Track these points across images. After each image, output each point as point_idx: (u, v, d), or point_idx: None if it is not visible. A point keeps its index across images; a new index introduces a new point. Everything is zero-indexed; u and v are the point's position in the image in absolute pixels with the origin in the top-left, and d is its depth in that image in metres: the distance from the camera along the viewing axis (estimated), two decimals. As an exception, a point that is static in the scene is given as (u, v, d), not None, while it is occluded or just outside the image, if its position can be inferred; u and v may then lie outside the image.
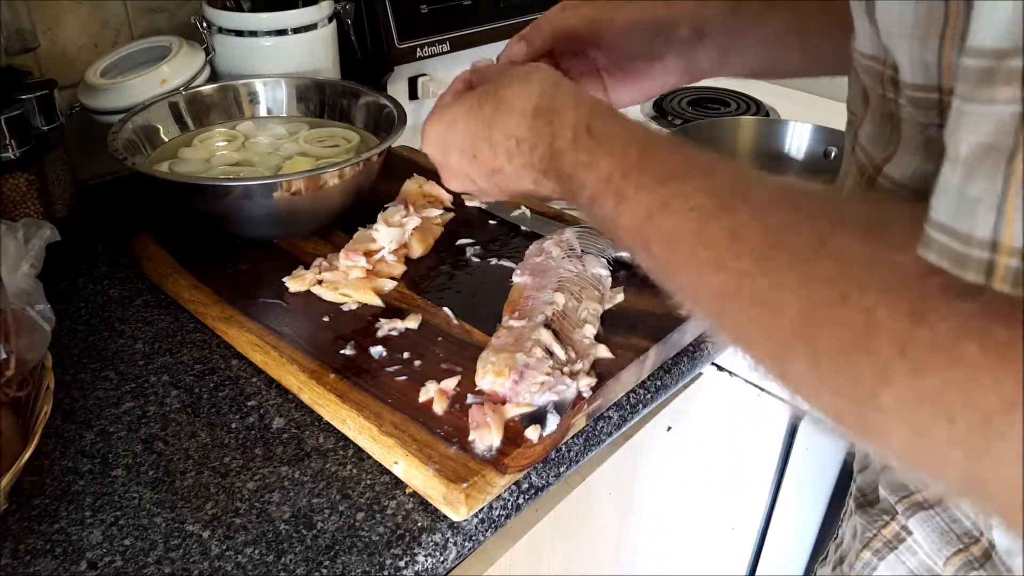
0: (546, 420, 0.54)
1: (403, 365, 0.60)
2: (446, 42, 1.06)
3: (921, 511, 0.46)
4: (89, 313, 0.70)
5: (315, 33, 0.91)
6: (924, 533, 0.45)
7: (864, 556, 0.49)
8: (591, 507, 0.66)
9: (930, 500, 0.45)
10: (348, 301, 0.67)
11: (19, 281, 0.56)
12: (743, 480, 0.91)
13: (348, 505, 0.52)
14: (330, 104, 0.89)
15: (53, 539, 0.50)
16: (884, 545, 0.48)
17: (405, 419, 0.55)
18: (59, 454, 0.56)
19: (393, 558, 0.48)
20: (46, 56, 0.86)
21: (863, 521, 0.50)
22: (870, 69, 0.38)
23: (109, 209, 0.86)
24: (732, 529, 0.97)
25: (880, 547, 0.48)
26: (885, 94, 0.38)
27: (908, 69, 0.33)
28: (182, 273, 0.71)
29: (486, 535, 0.53)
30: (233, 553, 0.49)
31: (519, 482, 0.54)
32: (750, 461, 0.90)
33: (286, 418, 0.59)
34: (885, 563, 0.48)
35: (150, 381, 0.62)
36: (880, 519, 0.48)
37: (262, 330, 0.64)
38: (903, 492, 0.47)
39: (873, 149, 0.40)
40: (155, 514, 0.51)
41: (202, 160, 0.81)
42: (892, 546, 0.47)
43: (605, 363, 0.60)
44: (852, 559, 0.50)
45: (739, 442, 0.87)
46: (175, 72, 0.85)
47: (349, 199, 0.76)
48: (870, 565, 0.48)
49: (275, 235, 0.77)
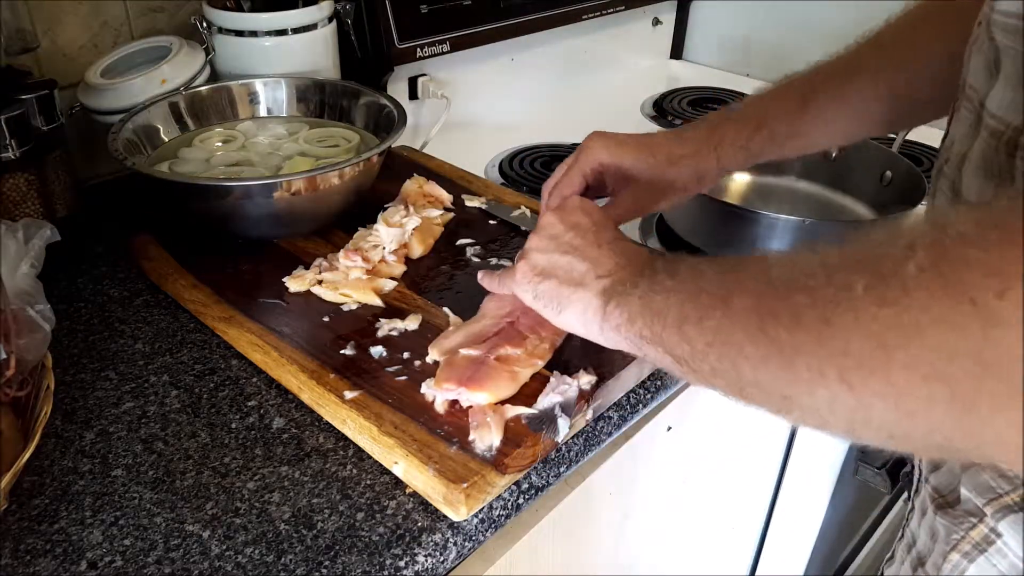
0: (556, 423, 0.55)
1: (403, 365, 0.60)
2: (446, 42, 1.06)
3: (1011, 514, 0.45)
4: (89, 313, 0.70)
5: (315, 33, 0.91)
6: (1015, 536, 0.45)
7: (953, 558, 0.48)
8: (591, 507, 0.65)
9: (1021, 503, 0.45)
10: (348, 301, 0.67)
11: (19, 281, 0.56)
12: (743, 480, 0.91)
13: (348, 505, 0.52)
14: (330, 104, 0.89)
15: (53, 539, 0.50)
16: (973, 547, 0.47)
17: (405, 419, 0.55)
18: (59, 454, 0.56)
19: (393, 558, 0.48)
20: (46, 56, 0.86)
21: (946, 523, 0.49)
22: (1017, 28, 0.39)
23: (109, 209, 0.86)
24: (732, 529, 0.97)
25: (969, 549, 0.47)
26: None
27: None
28: (182, 273, 0.71)
29: (486, 535, 0.53)
30: (233, 553, 0.49)
31: (519, 482, 0.54)
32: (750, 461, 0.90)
33: (286, 418, 0.59)
34: (975, 565, 0.47)
35: (150, 381, 0.62)
36: (966, 521, 0.48)
37: (262, 330, 0.64)
38: (991, 495, 0.46)
39: (1007, 114, 0.41)
40: (155, 514, 0.51)
41: (202, 160, 0.81)
42: (982, 548, 0.47)
43: (605, 363, 0.60)
44: (938, 560, 0.50)
45: (739, 442, 0.87)
46: (175, 72, 0.85)
47: (349, 199, 0.76)
48: (959, 567, 0.48)
49: (275, 235, 0.77)
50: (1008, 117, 0.41)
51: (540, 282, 0.54)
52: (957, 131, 0.48)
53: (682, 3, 1.50)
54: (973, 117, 0.45)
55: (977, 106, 0.45)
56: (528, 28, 1.16)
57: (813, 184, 1.01)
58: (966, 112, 0.47)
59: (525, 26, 1.16)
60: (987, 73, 0.44)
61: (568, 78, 1.33)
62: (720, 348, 0.39)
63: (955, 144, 0.48)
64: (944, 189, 0.50)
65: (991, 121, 0.43)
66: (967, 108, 0.47)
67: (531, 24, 1.16)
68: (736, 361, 0.38)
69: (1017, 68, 0.40)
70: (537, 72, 1.28)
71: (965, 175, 0.46)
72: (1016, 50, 0.40)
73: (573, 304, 0.51)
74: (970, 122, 0.46)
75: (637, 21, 1.43)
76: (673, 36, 1.53)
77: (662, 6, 1.45)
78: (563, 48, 1.30)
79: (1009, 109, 0.41)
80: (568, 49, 1.31)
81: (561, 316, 0.52)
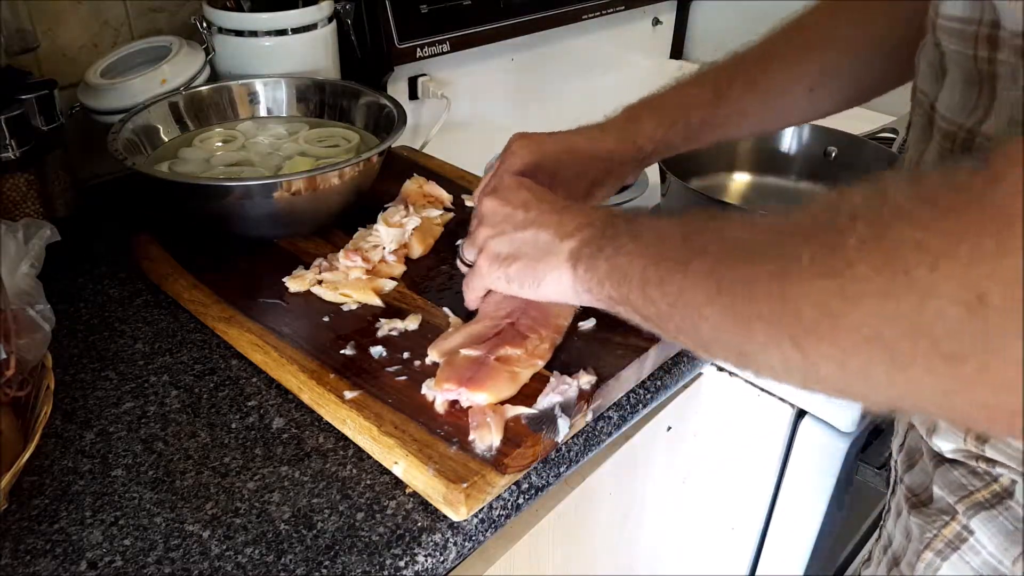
0: (556, 423, 0.55)
1: (403, 365, 0.60)
2: (446, 42, 1.06)
3: (983, 511, 0.45)
4: (89, 313, 0.70)
5: (315, 33, 0.91)
6: (988, 533, 0.45)
7: (926, 557, 0.49)
8: (591, 507, 0.65)
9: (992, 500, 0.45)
10: (348, 301, 0.67)
11: (19, 281, 0.56)
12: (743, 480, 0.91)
13: (348, 505, 0.52)
14: (330, 104, 0.89)
15: (53, 539, 0.50)
16: (946, 546, 0.48)
17: (405, 419, 0.55)
18: (59, 454, 0.56)
19: (393, 558, 0.48)
20: (46, 56, 0.86)
21: (920, 521, 0.49)
22: (961, 32, 0.40)
23: (109, 209, 0.86)
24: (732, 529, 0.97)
25: (942, 547, 0.48)
26: (977, 54, 0.40)
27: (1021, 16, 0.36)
28: (182, 273, 0.71)
29: (486, 535, 0.53)
30: (233, 553, 0.49)
31: (519, 482, 0.54)
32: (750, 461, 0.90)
33: (286, 418, 0.59)
34: (948, 563, 0.48)
35: (150, 381, 0.62)
36: (939, 519, 0.48)
37: (262, 330, 0.64)
38: (962, 492, 0.47)
39: (959, 116, 0.42)
40: (155, 514, 0.51)
41: (202, 160, 0.81)
42: (955, 546, 0.47)
43: (605, 363, 0.60)
44: (912, 559, 0.50)
45: (739, 442, 0.87)
46: (175, 72, 0.85)
47: (349, 199, 0.76)
48: (933, 565, 0.48)
49: (275, 235, 0.77)
50: (959, 119, 0.42)
51: (509, 265, 0.54)
52: (912, 136, 0.49)
53: (682, 3, 1.50)
54: (925, 120, 0.46)
55: (928, 109, 0.46)
56: (528, 28, 1.16)
57: (813, 184, 1.01)
58: (918, 117, 0.48)
59: (525, 26, 1.16)
60: (934, 76, 0.45)
61: (568, 78, 1.33)
62: (682, 310, 0.41)
63: (910, 149, 0.49)
64: None
65: (943, 123, 0.44)
66: (919, 113, 0.48)
67: (531, 24, 1.16)
68: (696, 322, 0.40)
69: (962, 70, 0.42)
70: (537, 72, 1.28)
71: None
72: (960, 53, 0.41)
73: (548, 274, 0.52)
74: (922, 125, 0.47)
75: (637, 21, 1.43)
76: (673, 36, 1.53)
77: (662, 6, 1.45)
78: (563, 48, 1.29)
79: (959, 110, 0.42)
80: (568, 49, 1.31)
81: (540, 289, 0.53)
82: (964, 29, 0.40)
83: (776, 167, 1.02)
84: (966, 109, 0.42)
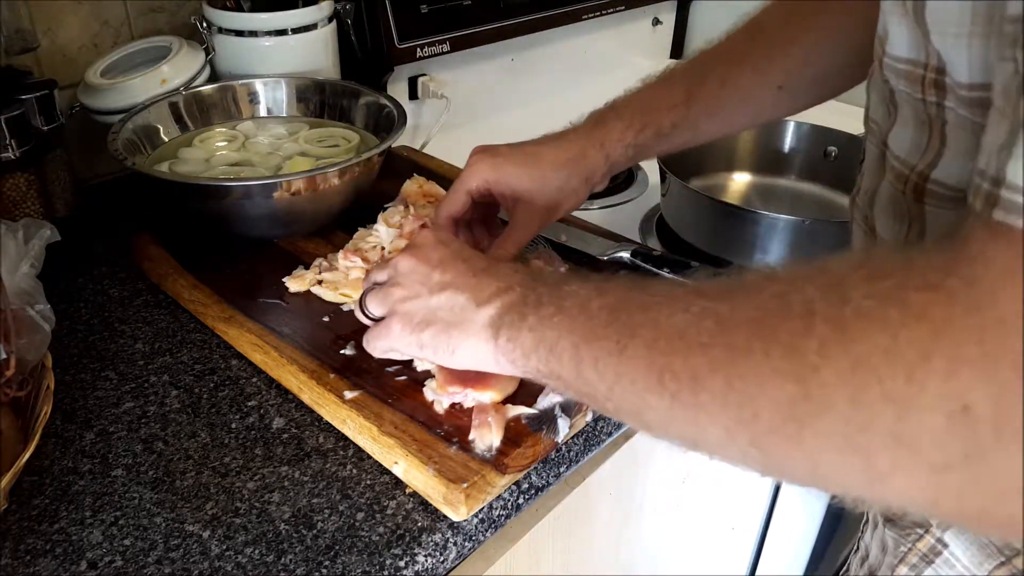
0: (556, 423, 0.54)
1: (403, 365, 0.60)
2: (446, 42, 1.06)
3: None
4: (89, 313, 0.70)
5: (315, 33, 0.91)
6: (962, 546, 0.45)
7: (901, 571, 0.48)
8: (591, 507, 0.65)
9: None
10: (348, 301, 0.67)
11: (19, 281, 0.56)
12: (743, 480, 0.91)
13: (348, 505, 0.52)
14: (330, 104, 0.89)
15: (53, 539, 0.50)
16: (920, 559, 0.47)
17: (405, 419, 0.55)
18: (59, 454, 0.56)
19: (393, 558, 0.48)
20: (46, 56, 0.86)
21: (894, 535, 0.49)
22: (908, 73, 0.39)
23: (109, 209, 0.86)
24: (732, 529, 0.97)
25: (916, 561, 0.47)
26: (925, 98, 0.38)
27: (965, 70, 0.33)
28: (182, 273, 0.71)
29: (486, 535, 0.53)
30: (233, 553, 0.49)
31: (519, 482, 0.54)
32: (750, 461, 0.90)
33: (286, 418, 0.59)
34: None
35: (150, 381, 0.62)
36: (913, 532, 0.48)
37: (262, 330, 0.64)
38: None
39: (909, 156, 0.41)
40: (155, 514, 0.51)
41: (202, 160, 0.81)
42: (929, 559, 0.47)
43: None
44: (887, 573, 0.50)
45: (739, 442, 0.87)
46: (175, 72, 0.85)
47: (349, 199, 0.76)
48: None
49: (275, 235, 0.77)
50: (911, 160, 0.41)
51: (423, 330, 0.49)
52: (867, 164, 0.48)
53: (682, 3, 1.50)
54: (878, 152, 0.45)
55: (880, 143, 0.44)
56: (528, 28, 1.16)
57: (813, 184, 1.01)
58: (872, 146, 0.46)
59: (525, 26, 1.16)
60: (886, 111, 0.43)
61: (568, 78, 1.33)
62: (622, 395, 0.37)
63: (865, 177, 0.48)
64: (859, 220, 0.49)
65: (895, 163, 0.42)
66: (872, 142, 0.46)
67: (531, 24, 1.16)
68: (640, 409, 0.36)
69: (913, 110, 0.40)
70: (537, 72, 1.28)
71: (876, 212, 0.46)
72: (908, 94, 0.39)
73: (463, 342, 0.47)
74: (876, 156, 0.46)
75: (637, 21, 1.43)
76: (673, 36, 1.53)
77: (662, 6, 1.45)
78: (563, 48, 1.30)
79: (911, 151, 0.41)
80: (568, 49, 1.31)
81: (455, 357, 0.48)
82: (911, 71, 0.38)
83: (776, 167, 1.02)
84: (918, 150, 0.40)
